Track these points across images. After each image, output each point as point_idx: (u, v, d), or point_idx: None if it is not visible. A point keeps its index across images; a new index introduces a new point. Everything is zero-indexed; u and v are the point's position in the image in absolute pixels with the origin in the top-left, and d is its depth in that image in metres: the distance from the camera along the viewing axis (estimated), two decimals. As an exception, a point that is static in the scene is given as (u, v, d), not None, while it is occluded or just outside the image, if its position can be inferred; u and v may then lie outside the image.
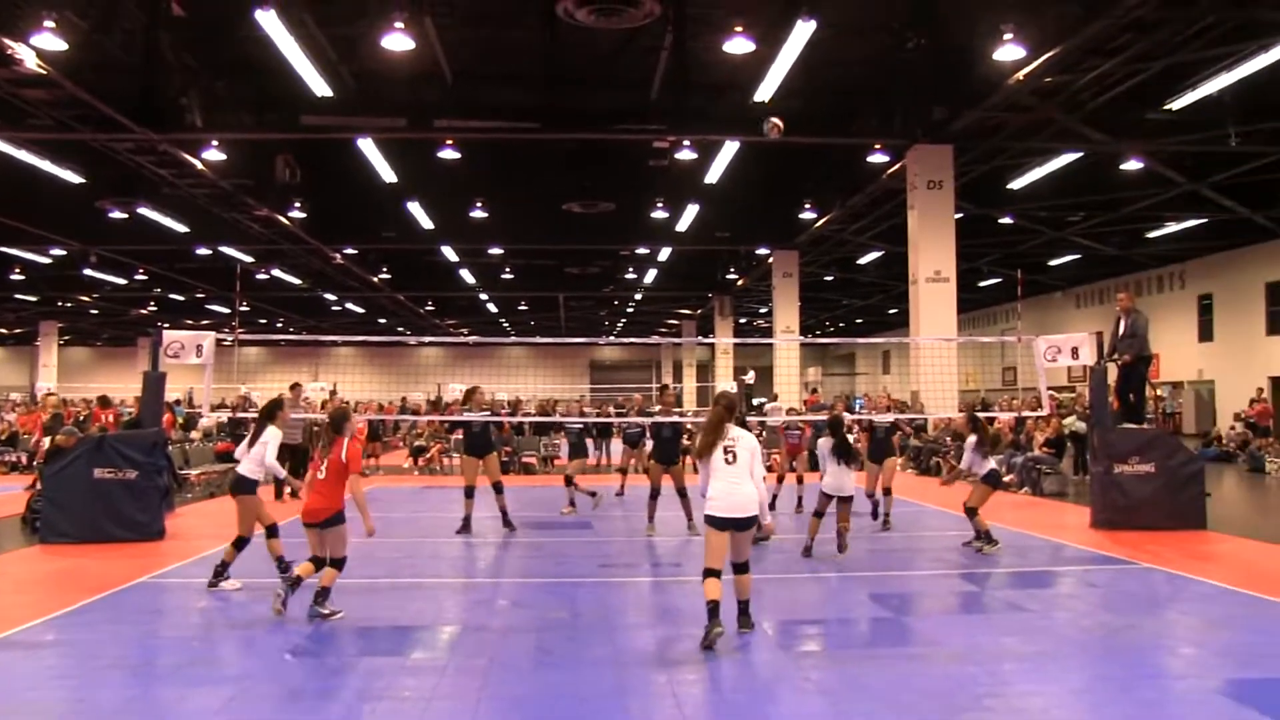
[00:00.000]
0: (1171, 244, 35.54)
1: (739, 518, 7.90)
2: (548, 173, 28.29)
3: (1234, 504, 18.45)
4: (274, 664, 7.53)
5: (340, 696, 6.61)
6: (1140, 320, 15.47)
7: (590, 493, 16.65)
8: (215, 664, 7.56)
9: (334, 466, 8.86)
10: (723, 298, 46.93)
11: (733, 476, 7.96)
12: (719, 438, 8.06)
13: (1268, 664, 7.34)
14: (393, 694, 6.66)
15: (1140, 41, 17.16)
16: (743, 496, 7.91)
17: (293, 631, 8.39)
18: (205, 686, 6.83)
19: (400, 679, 7.04)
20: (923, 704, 6.36)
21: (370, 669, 7.35)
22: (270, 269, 40.04)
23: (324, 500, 8.83)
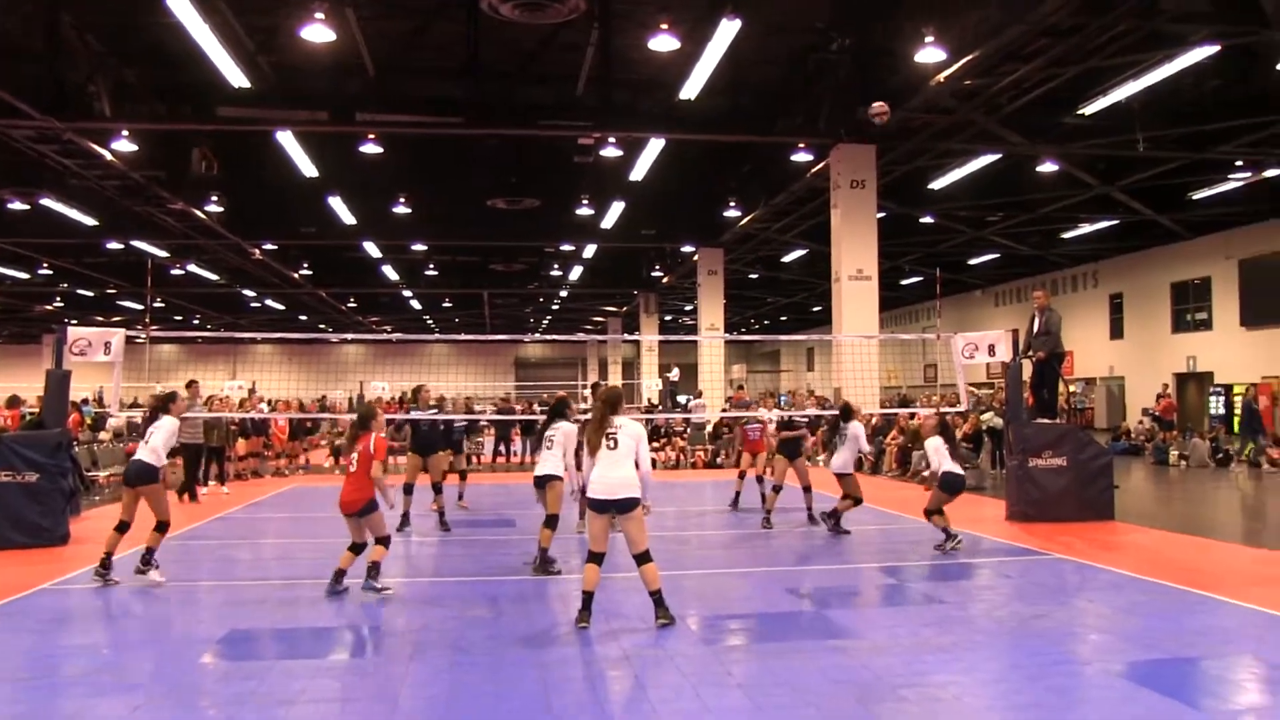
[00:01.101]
0: (1085, 244, 36.45)
1: (615, 499, 8.19)
2: (472, 168, 28.18)
3: (1140, 495, 18.95)
4: (185, 670, 7.35)
5: (252, 701, 6.47)
6: (1054, 318, 15.85)
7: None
8: (122, 672, 7.33)
9: (363, 458, 9.66)
10: (648, 295, 47.06)
11: (611, 461, 8.28)
12: (603, 431, 8.39)
13: (1168, 646, 7.66)
14: (308, 697, 6.59)
15: (1055, 47, 17.54)
16: (618, 478, 8.20)
17: (207, 635, 8.30)
18: (110, 696, 6.65)
19: (317, 681, 6.98)
20: (840, 695, 6.51)
21: (286, 671, 7.23)
22: (186, 264, 39.15)
23: (357, 492, 9.66)
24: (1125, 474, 21.09)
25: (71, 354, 14.18)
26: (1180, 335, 35.35)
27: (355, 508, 9.64)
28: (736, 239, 34.84)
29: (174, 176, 26.36)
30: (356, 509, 9.65)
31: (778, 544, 13.46)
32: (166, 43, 18.61)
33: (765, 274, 44.65)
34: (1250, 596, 9.17)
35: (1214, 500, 18.88)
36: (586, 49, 19.96)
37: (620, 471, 8.25)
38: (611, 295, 52.57)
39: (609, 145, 23.11)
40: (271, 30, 19.06)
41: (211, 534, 14.54)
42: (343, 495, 9.73)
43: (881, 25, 18.98)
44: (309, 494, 20.10)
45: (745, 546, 13.22)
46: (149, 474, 10.38)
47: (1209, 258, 33.30)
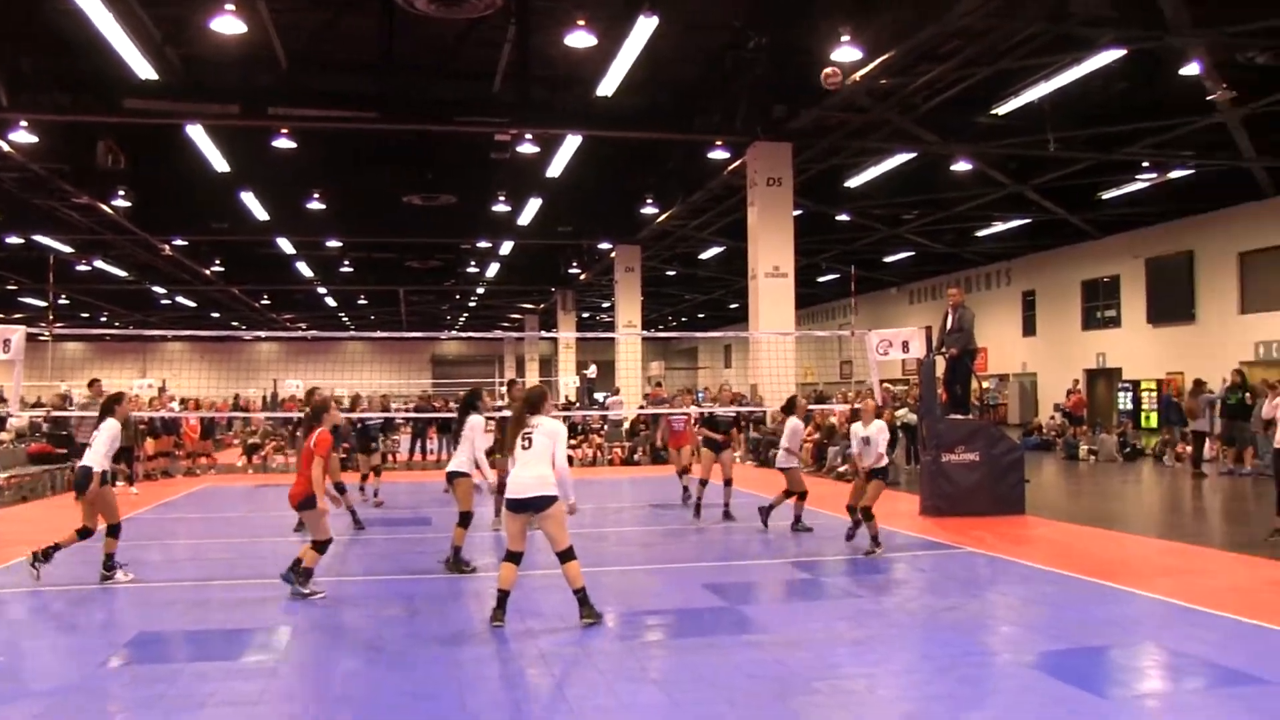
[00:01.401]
0: (998, 242, 37.08)
1: (526, 498, 8.14)
2: (387, 164, 27.96)
3: (1051, 490, 19.27)
4: (91, 674, 7.16)
5: (161, 705, 6.33)
6: (967, 315, 16.04)
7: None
8: (23, 679, 7.12)
9: (304, 452, 9.66)
10: (565, 292, 46.99)
11: (525, 461, 8.24)
12: (519, 430, 8.37)
13: (1076, 636, 7.80)
14: (219, 699, 6.46)
15: (968, 48, 17.80)
16: (532, 478, 8.16)
17: (115, 639, 8.14)
18: (9, 704, 6.46)
19: (229, 683, 6.84)
20: (755, 690, 6.53)
21: (197, 674, 7.09)
22: (92, 260, 38.31)
23: (299, 485, 9.56)
24: (1036, 469, 21.51)
25: (-34, 353, 13.81)
26: (1090, 332, 36.15)
27: (294, 501, 9.61)
28: (654, 236, 34.91)
29: (79, 169, 25.71)
30: (295, 502, 9.61)
31: (695, 540, 13.50)
32: (67, 30, 18.11)
33: (683, 271, 44.82)
34: (1155, 587, 9.39)
35: (1122, 494, 19.27)
36: (503, 45, 19.84)
37: (534, 471, 8.18)
38: (529, 292, 52.47)
39: (526, 142, 23.04)
40: (180, 21, 18.62)
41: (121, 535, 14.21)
42: (292, 490, 9.70)
43: (798, 24, 19.08)
44: (220, 494, 19.79)
45: (663, 543, 13.24)
46: (88, 479, 10.22)
47: (1118, 256, 34.09)
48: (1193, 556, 11.33)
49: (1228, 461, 21.22)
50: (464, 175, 28.47)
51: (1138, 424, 30.87)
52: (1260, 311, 28.85)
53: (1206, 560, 11.10)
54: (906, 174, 26.75)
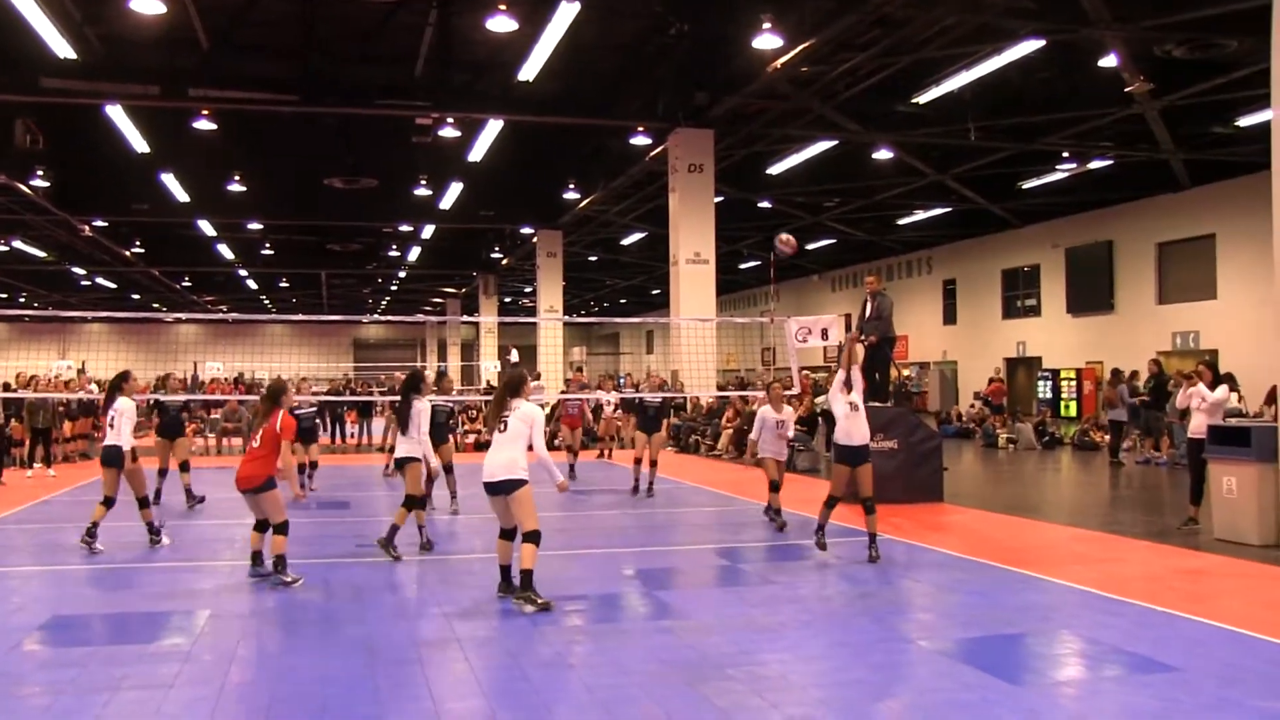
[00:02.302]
0: (919, 231, 37.46)
1: (493, 481, 8.28)
2: (308, 147, 27.61)
3: (969, 477, 19.53)
4: (4, 657, 7.05)
5: (74, 688, 6.28)
6: (885, 303, 16.11)
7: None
8: None
9: (269, 436, 9.33)
10: (487, 276, 46.79)
11: (498, 444, 8.37)
12: (500, 411, 8.47)
13: (987, 623, 7.88)
14: (131, 683, 6.39)
15: (888, 37, 17.93)
16: (502, 461, 8.27)
17: (30, 621, 8.00)
18: None
19: (139, 667, 6.76)
20: (669, 675, 6.52)
21: (109, 657, 7.03)
22: (10, 240, 37.69)
23: (256, 467, 9.31)
24: (955, 457, 21.77)
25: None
26: (1011, 321, 36.61)
27: (254, 483, 9.31)
28: (576, 221, 34.87)
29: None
30: (255, 484, 9.31)
31: (614, 525, 13.50)
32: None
33: (605, 256, 44.81)
34: (1068, 574, 9.50)
35: (1039, 482, 19.55)
36: (425, 28, 19.66)
37: (506, 454, 8.31)
38: (451, 276, 52.21)
39: (447, 126, 22.90)
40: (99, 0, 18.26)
41: (36, 518, 14.00)
42: (241, 470, 9.41)
43: (719, 11, 19.09)
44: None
45: (581, 528, 13.18)
46: (120, 457, 11.01)
47: (1038, 246, 34.54)
48: (1107, 544, 11.48)
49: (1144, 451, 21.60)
50: (385, 158, 28.20)
51: (1057, 413, 31.31)
52: (1177, 302, 29.33)
53: (1120, 548, 11.25)
54: (828, 162, 26.88)
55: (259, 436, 9.42)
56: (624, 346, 71.41)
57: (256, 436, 9.46)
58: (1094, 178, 28.48)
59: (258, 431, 9.48)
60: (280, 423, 9.37)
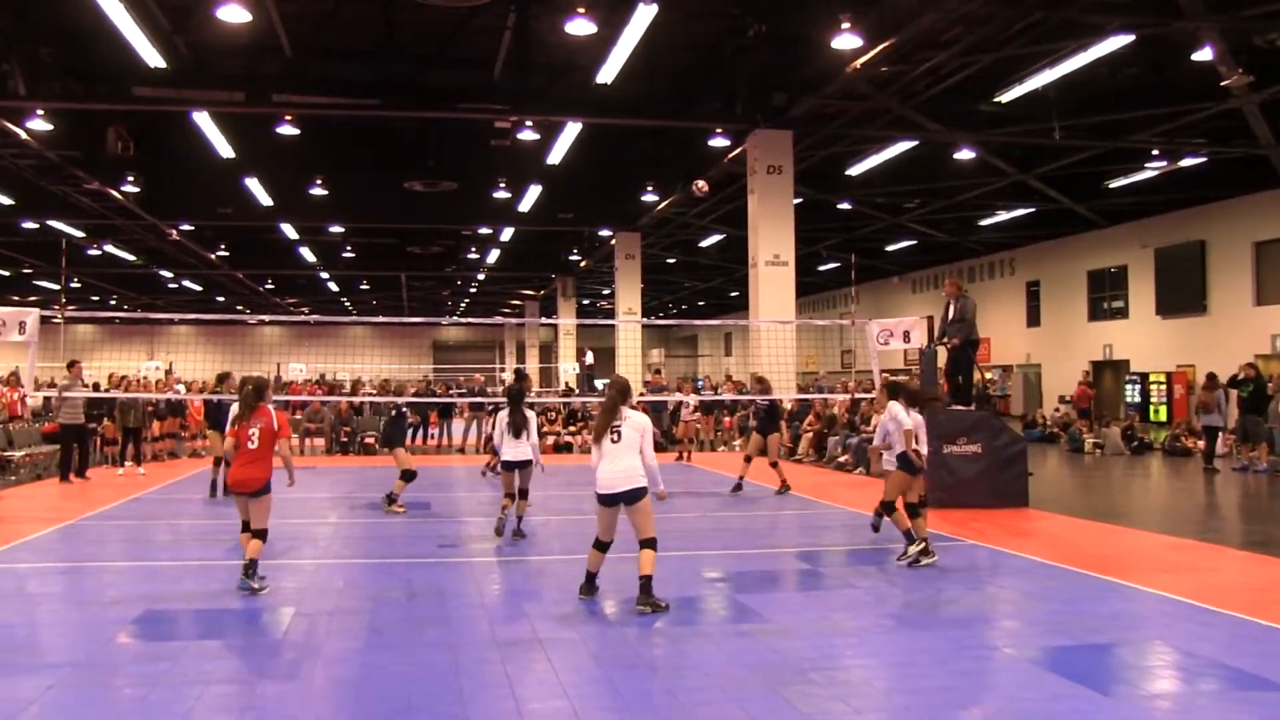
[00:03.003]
0: (1002, 232, 36.90)
1: (618, 492, 8.24)
2: (389, 150, 27.92)
3: (1054, 483, 19.16)
4: (100, 650, 7.23)
5: (167, 681, 6.38)
6: (968, 305, 15.88)
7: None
8: (37, 651, 7.25)
9: (266, 434, 9.01)
10: (565, 279, 46.93)
11: (615, 454, 8.30)
12: (611, 420, 8.40)
13: (1077, 632, 7.66)
14: (222, 677, 6.51)
15: (970, 35, 17.66)
16: (622, 471, 8.24)
17: (123, 615, 8.14)
18: (22, 676, 6.52)
19: (230, 661, 6.90)
20: (750, 679, 6.45)
21: (200, 652, 7.16)
22: (103, 244, 38.65)
23: (256, 469, 8.97)
24: (1040, 461, 21.37)
25: (-14, 333, 14.02)
26: (1097, 323, 35.93)
27: (253, 486, 8.96)
28: (654, 223, 34.82)
29: (90, 156, 25.95)
30: (254, 488, 8.96)
31: (693, 528, 13.42)
32: (81, 21, 18.26)
33: (683, 258, 44.71)
34: (1160, 583, 9.22)
35: (1128, 488, 19.13)
36: (504, 32, 19.75)
37: (624, 463, 8.28)
38: (529, 279, 52.42)
39: (526, 129, 22.97)
40: (187, 9, 18.71)
41: (128, 514, 14.25)
42: (237, 473, 9.01)
43: (797, 11, 18.95)
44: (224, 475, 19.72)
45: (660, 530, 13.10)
46: None
47: (1125, 246, 33.83)
48: (1203, 553, 11.13)
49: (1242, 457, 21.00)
50: (465, 162, 28.39)
51: (1145, 417, 30.65)
52: (1276, 304, 28.49)
53: (1217, 557, 10.90)
54: (908, 162, 26.60)
55: (255, 436, 8.99)
56: (702, 349, 71.26)
57: (252, 438, 8.98)
58: (1185, 175, 27.74)
59: (249, 430, 9.00)
60: (277, 419, 9.11)
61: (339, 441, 25.93)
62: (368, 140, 27.21)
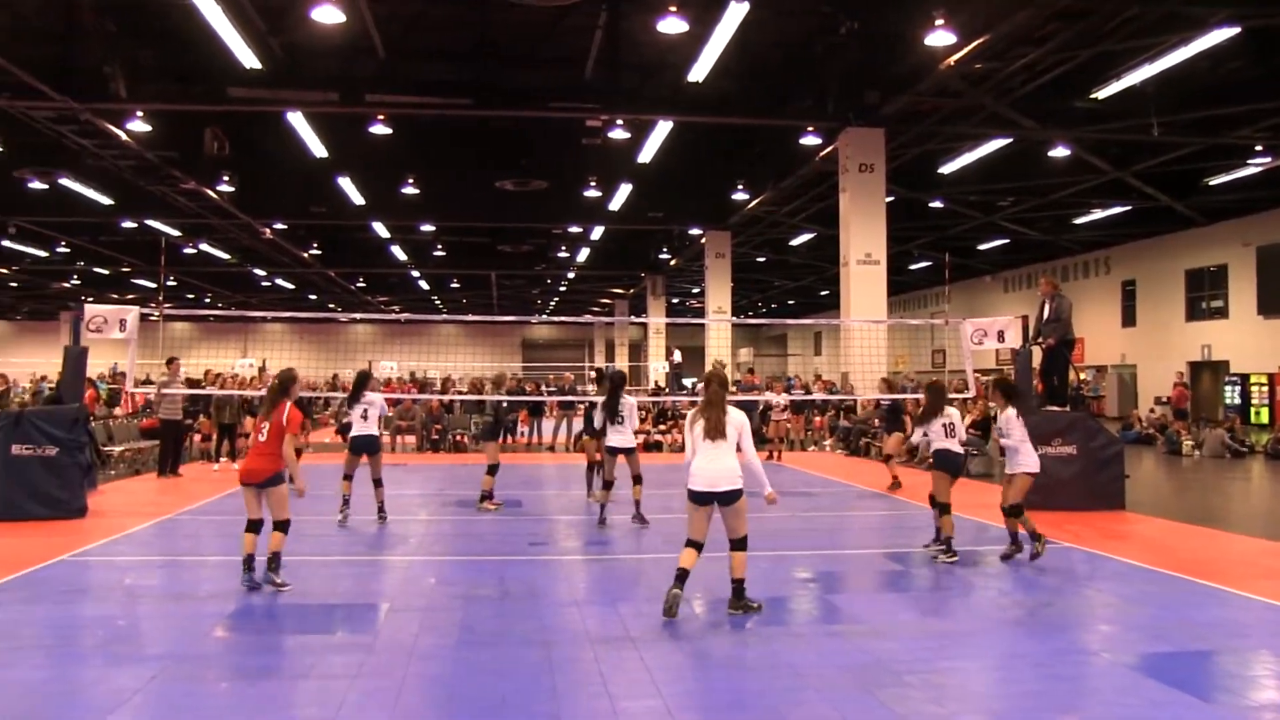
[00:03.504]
0: (1097, 230, 36.21)
1: (718, 491, 7.97)
2: (480, 150, 28.17)
3: (1152, 485, 18.81)
4: (199, 642, 7.41)
5: (266, 674, 6.54)
6: (1064, 304, 15.64)
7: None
8: (138, 643, 7.43)
9: (275, 428, 9.02)
10: (655, 277, 46.99)
11: (714, 451, 8.02)
12: (722, 416, 8.11)
13: (1177, 638, 7.53)
14: (319, 672, 6.63)
15: (1066, 31, 17.41)
16: (723, 470, 7.96)
17: (220, 609, 8.31)
18: (126, 666, 6.71)
19: (327, 657, 7.00)
20: (844, 680, 6.44)
21: (297, 646, 7.31)
22: (198, 243, 39.51)
23: (264, 461, 8.98)
24: (1136, 463, 20.94)
25: (89, 331, 14.55)
26: (1195, 323, 35.10)
27: (260, 477, 8.95)
28: (744, 222, 34.74)
29: (186, 156, 26.60)
30: (260, 479, 8.95)
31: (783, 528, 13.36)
32: (180, 24, 18.77)
33: (773, 257, 44.54)
34: (1265, 590, 8.99)
35: (1229, 491, 18.67)
36: (594, 31, 19.85)
37: (725, 462, 8.01)
38: (619, 277, 52.55)
39: (616, 127, 23.07)
40: (282, 11, 19.09)
41: (224, 510, 14.54)
42: (247, 464, 9.20)
43: (890, 8, 18.81)
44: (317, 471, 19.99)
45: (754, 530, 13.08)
46: (374, 444, 13.04)
47: (1225, 244, 33.01)
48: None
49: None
50: (555, 161, 28.60)
51: (1246, 419, 29.88)
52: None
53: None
54: (1001, 160, 26.25)
55: (265, 429, 9.08)
56: (791, 348, 70.90)
57: (262, 430, 9.11)
58: (1290, 171, 27.01)
59: (263, 425, 9.14)
60: (287, 415, 9.06)
61: (430, 439, 26.22)
62: (459, 139, 27.46)
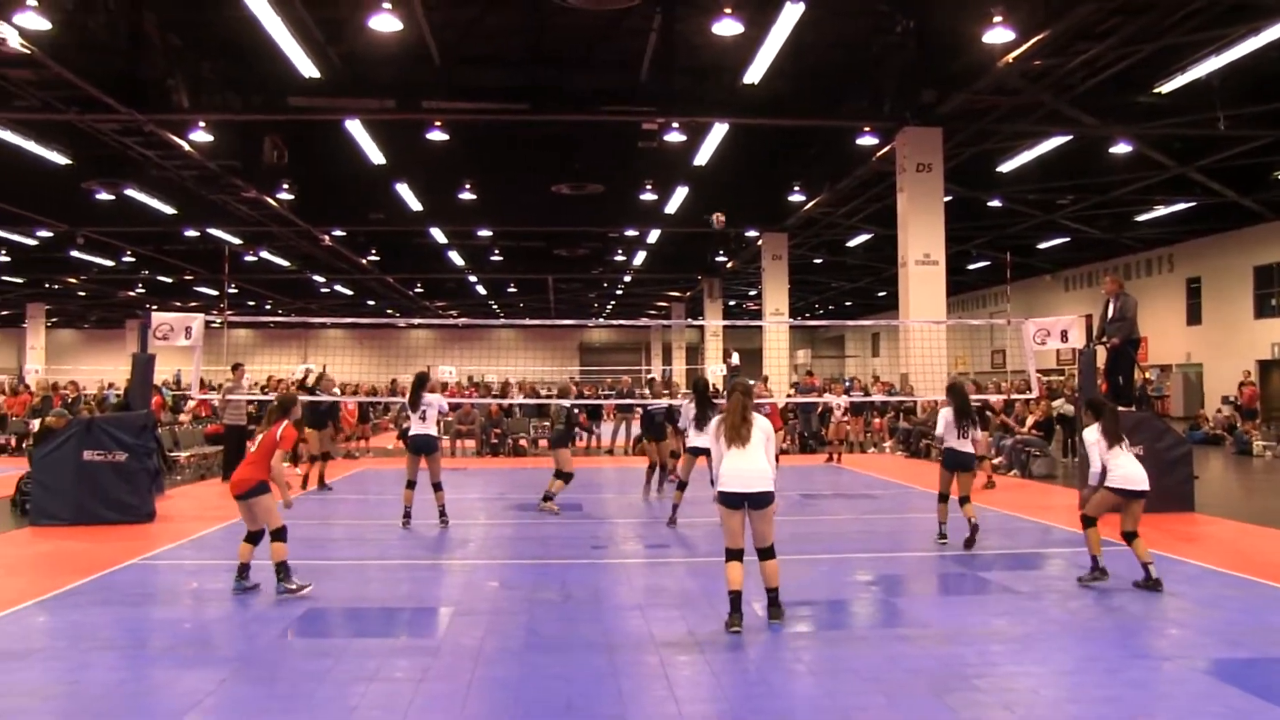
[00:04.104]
0: (1160, 227, 35.64)
1: (751, 492, 7.83)
2: (536, 154, 28.30)
3: (1221, 487, 18.49)
4: (266, 646, 7.53)
5: (332, 678, 6.58)
6: (1129, 303, 15.44)
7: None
8: (207, 646, 7.52)
9: (267, 442, 9.13)
10: (712, 280, 46.91)
11: (744, 455, 7.90)
12: (748, 422, 8.02)
13: (1252, 643, 7.37)
14: (384, 675, 6.66)
15: (1129, 25, 17.15)
16: (754, 472, 7.85)
17: (287, 612, 8.39)
18: (197, 669, 6.82)
19: (392, 660, 7.04)
20: (912, 684, 6.38)
21: (362, 650, 7.34)
22: (259, 251, 39.94)
23: (245, 471, 9.07)
24: (1204, 464, 20.60)
25: (155, 338, 14.76)
26: (1264, 320, 34.44)
27: (242, 488, 8.99)
28: (800, 223, 34.58)
29: (247, 165, 26.93)
30: (243, 489, 8.99)
31: (845, 530, 13.32)
32: (241, 36, 19.13)
33: (830, 259, 44.29)
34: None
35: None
36: (649, 34, 19.86)
37: (758, 464, 7.90)
38: (675, 280, 52.52)
39: (672, 130, 23.05)
40: (340, 21, 19.37)
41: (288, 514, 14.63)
42: (233, 475, 9.30)
43: (946, 6, 18.66)
44: (377, 476, 20.24)
45: (813, 533, 13.04)
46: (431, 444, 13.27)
47: (1296, 240, 32.35)
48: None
49: None
50: (611, 164, 28.65)
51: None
52: None
53: None
54: (1061, 157, 25.91)
55: (256, 442, 9.27)
56: (849, 349, 70.50)
57: (254, 442, 9.30)
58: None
59: (256, 438, 9.34)
60: (281, 432, 9.17)
61: (489, 443, 26.35)
62: (515, 144, 27.62)
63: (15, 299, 55.15)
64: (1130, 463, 9.36)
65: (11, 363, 63.09)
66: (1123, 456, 9.38)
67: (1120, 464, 9.35)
